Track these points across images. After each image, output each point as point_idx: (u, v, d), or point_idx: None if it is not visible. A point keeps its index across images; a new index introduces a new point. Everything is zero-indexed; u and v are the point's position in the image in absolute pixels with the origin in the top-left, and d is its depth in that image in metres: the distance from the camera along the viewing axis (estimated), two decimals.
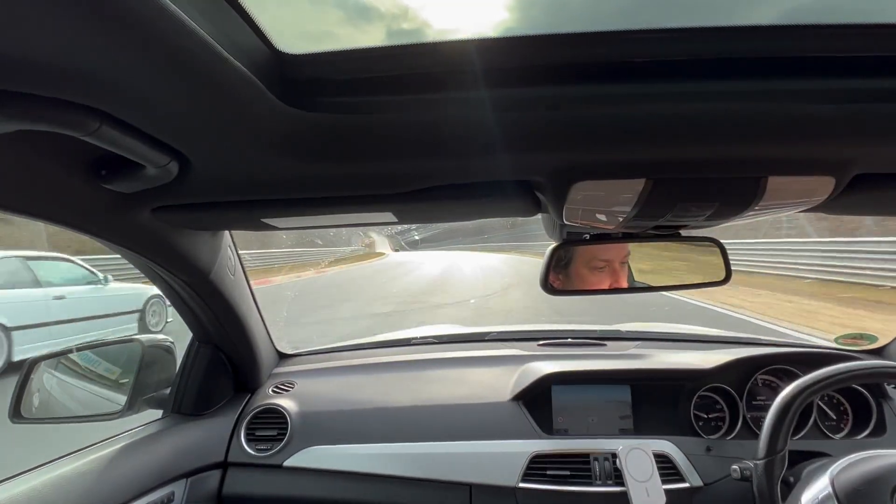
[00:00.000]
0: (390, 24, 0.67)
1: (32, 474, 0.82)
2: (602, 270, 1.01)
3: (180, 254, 0.89)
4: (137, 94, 0.44)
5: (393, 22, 0.67)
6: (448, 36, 0.45)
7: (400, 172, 0.65)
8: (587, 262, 1.00)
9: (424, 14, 0.57)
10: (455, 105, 0.50)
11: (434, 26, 0.53)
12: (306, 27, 0.54)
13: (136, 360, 1.09)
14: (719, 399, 1.19)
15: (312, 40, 0.44)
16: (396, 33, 0.61)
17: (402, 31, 0.62)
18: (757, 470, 0.77)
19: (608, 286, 1.02)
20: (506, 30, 0.45)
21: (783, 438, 0.76)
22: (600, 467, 1.05)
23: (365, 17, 0.68)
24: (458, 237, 60.66)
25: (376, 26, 0.67)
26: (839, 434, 1.15)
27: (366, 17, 0.68)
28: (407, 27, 0.60)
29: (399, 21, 0.66)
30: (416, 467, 1.09)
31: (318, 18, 0.62)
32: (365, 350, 1.56)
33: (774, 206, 0.68)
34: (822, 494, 0.73)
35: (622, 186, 0.63)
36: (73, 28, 0.34)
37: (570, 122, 0.51)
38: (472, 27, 0.46)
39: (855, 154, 0.58)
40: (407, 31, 0.59)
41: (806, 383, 0.78)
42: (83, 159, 0.61)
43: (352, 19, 0.67)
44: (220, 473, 1.12)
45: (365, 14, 0.68)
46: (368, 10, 0.69)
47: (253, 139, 0.54)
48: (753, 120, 0.51)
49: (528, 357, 1.38)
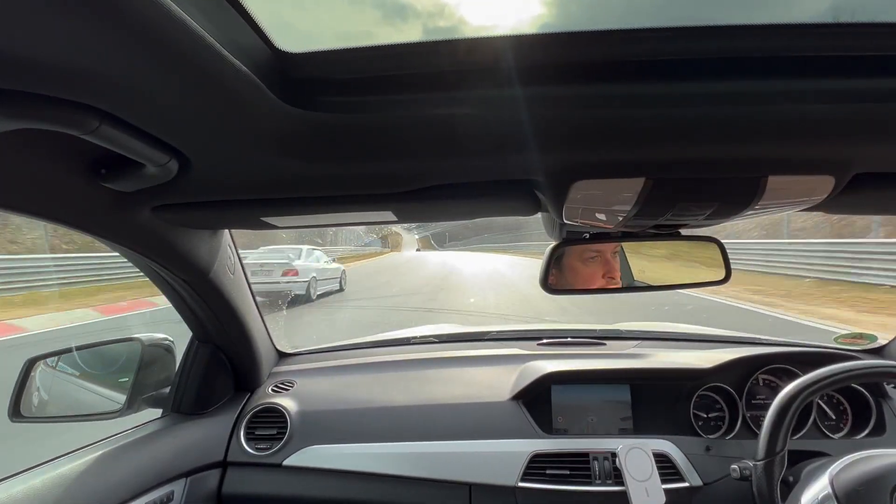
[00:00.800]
0: (426, 22, 0.66)
1: (32, 473, 0.82)
2: (594, 260, 1.03)
3: (180, 252, 0.89)
4: (137, 93, 0.44)
5: (429, 20, 0.67)
6: (484, 33, 0.45)
7: (400, 172, 0.65)
8: (579, 255, 1.02)
9: (461, 11, 0.57)
10: (455, 104, 0.50)
11: (471, 23, 0.53)
12: (343, 27, 0.54)
13: (135, 359, 1.09)
14: (719, 399, 1.19)
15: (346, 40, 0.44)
16: (433, 31, 0.60)
17: (439, 28, 0.61)
18: (756, 470, 0.77)
19: (602, 275, 1.03)
20: (542, 26, 0.45)
21: (783, 438, 0.76)
22: (600, 467, 1.05)
23: (401, 16, 0.68)
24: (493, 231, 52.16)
25: (412, 24, 0.67)
26: (839, 434, 1.15)
27: (402, 16, 0.68)
28: (443, 24, 0.59)
29: (435, 19, 0.65)
30: (416, 467, 1.09)
31: (356, 19, 0.62)
32: (364, 349, 1.56)
33: (774, 206, 0.68)
34: (822, 494, 0.73)
35: (622, 186, 0.63)
36: (74, 27, 0.34)
37: (569, 121, 0.51)
38: (509, 23, 0.46)
39: (854, 153, 0.59)
40: (443, 28, 0.59)
41: (805, 383, 0.78)
42: (83, 158, 0.61)
43: (388, 18, 0.66)
44: (220, 472, 1.12)
45: (401, 12, 0.67)
46: (405, 8, 0.68)
47: (253, 138, 0.54)
48: (753, 119, 0.51)
49: (528, 356, 1.38)
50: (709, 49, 0.45)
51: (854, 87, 0.47)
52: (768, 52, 0.46)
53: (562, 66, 0.46)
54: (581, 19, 0.43)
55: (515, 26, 0.44)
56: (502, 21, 0.47)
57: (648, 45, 0.45)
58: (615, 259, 1.04)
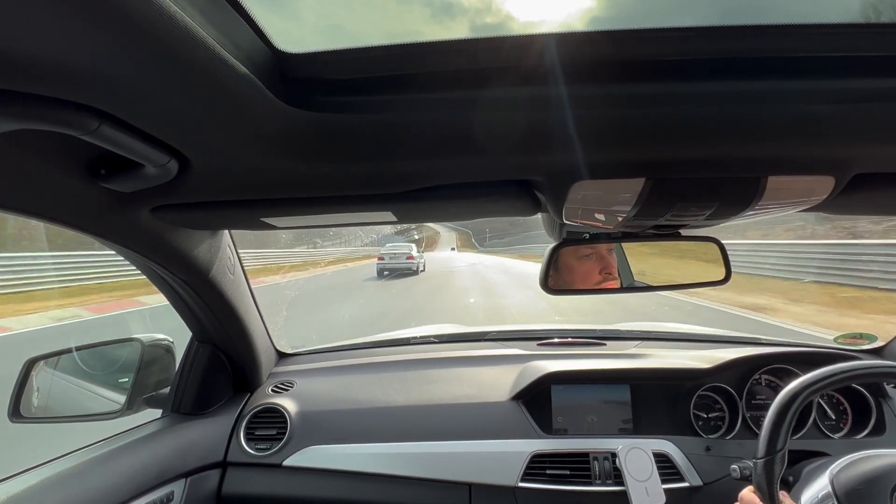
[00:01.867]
0: (474, 19, 0.65)
1: (32, 474, 0.82)
2: (589, 258, 1.03)
3: (179, 253, 0.89)
4: (137, 94, 0.44)
5: (476, 17, 0.66)
6: (531, 29, 0.45)
7: (400, 172, 0.65)
8: (574, 252, 1.02)
9: (507, 7, 0.56)
10: (455, 105, 0.50)
11: (518, 19, 0.52)
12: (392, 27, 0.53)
13: (135, 360, 1.09)
14: (719, 398, 1.19)
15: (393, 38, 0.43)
16: (480, 28, 0.60)
17: (486, 24, 0.60)
18: (756, 468, 0.77)
19: (599, 271, 1.03)
20: (590, 20, 0.44)
21: (783, 437, 0.76)
22: (600, 467, 1.05)
23: (449, 14, 0.67)
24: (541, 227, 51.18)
25: (460, 22, 0.66)
26: (838, 434, 1.15)
27: (450, 14, 0.67)
28: (490, 21, 0.58)
29: (483, 15, 0.64)
30: (416, 467, 1.09)
31: (405, 18, 0.61)
32: (364, 349, 1.56)
33: (774, 206, 0.68)
34: (822, 493, 0.73)
35: (622, 186, 0.63)
36: (73, 27, 0.34)
37: (569, 122, 0.51)
38: (557, 18, 0.46)
39: (855, 154, 0.59)
40: (490, 24, 0.58)
41: (807, 382, 0.78)
42: (82, 159, 0.60)
43: (437, 16, 0.65)
44: (220, 473, 1.12)
45: (449, 10, 0.66)
46: (452, 6, 0.66)
47: (252, 138, 0.54)
48: (753, 120, 0.51)
49: (528, 356, 1.38)
50: (708, 50, 0.45)
51: (855, 88, 0.47)
52: (768, 53, 0.46)
53: (562, 66, 0.46)
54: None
55: (564, 21, 0.44)
56: (550, 16, 0.47)
57: (648, 45, 0.45)
58: (611, 255, 1.04)
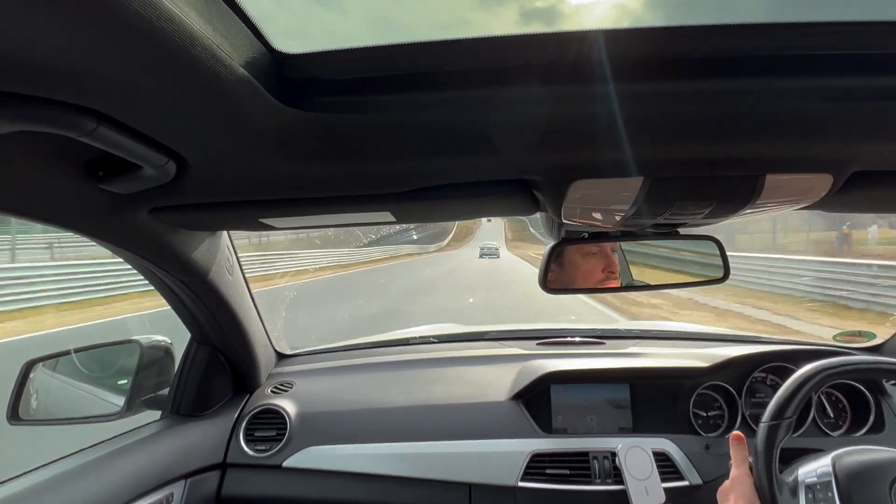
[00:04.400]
0: (523, 4, 0.64)
1: (32, 475, 0.82)
2: (595, 256, 1.03)
3: (178, 254, 0.88)
4: (134, 95, 0.44)
5: (526, 2, 0.64)
6: (577, 15, 0.45)
7: (398, 172, 0.65)
8: (579, 250, 1.02)
9: None
10: (453, 104, 0.50)
11: (569, 1, 0.51)
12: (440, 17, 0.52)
13: (134, 361, 1.08)
14: (718, 397, 1.19)
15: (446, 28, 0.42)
16: (529, 13, 0.58)
17: (536, 9, 0.59)
18: (760, 431, 0.77)
19: (602, 270, 1.03)
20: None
21: (794, 406, 0.76)
22: (600, 466, 1.06)
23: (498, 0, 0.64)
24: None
25: (509, 7, 0.64)
26: (837, 431, 1.15)
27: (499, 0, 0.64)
28: (540, 5, 0.57)
29: (532, 0, 0.62)
30: (416, 467, 1.09)
31: (453, 7, 0.59)
32: (363, 350, 1.56)
33: (772, 204, 0.69)
34: (821, 470, 0.73)
35: (621, 185, 0.63)
36: (70, 29, 0.33)
37: (567, 121, 0.51)
38: (603, 4, 0.45)
39: (853, 152, 0.59)
40: (540, 9, 0.57)
41: (830, 364, 0.77)
42: (80, 160, 0.60)
43: (485, 2, 0.64)
44: (220, 474, 1.12)
45: None
46: None
47: (251, 139, 0.54)
48: (751, 118, 0.51)
49: (527, 356, 1.38)
50: (706, 48, 0.45)
51: (853, 86, 0.47)
52: (766, 51, 0.46)
53: (559, 66, 0.46)
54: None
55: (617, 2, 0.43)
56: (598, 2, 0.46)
57: (646, 44, 0.45)
58: (615, 255, 1.05)
